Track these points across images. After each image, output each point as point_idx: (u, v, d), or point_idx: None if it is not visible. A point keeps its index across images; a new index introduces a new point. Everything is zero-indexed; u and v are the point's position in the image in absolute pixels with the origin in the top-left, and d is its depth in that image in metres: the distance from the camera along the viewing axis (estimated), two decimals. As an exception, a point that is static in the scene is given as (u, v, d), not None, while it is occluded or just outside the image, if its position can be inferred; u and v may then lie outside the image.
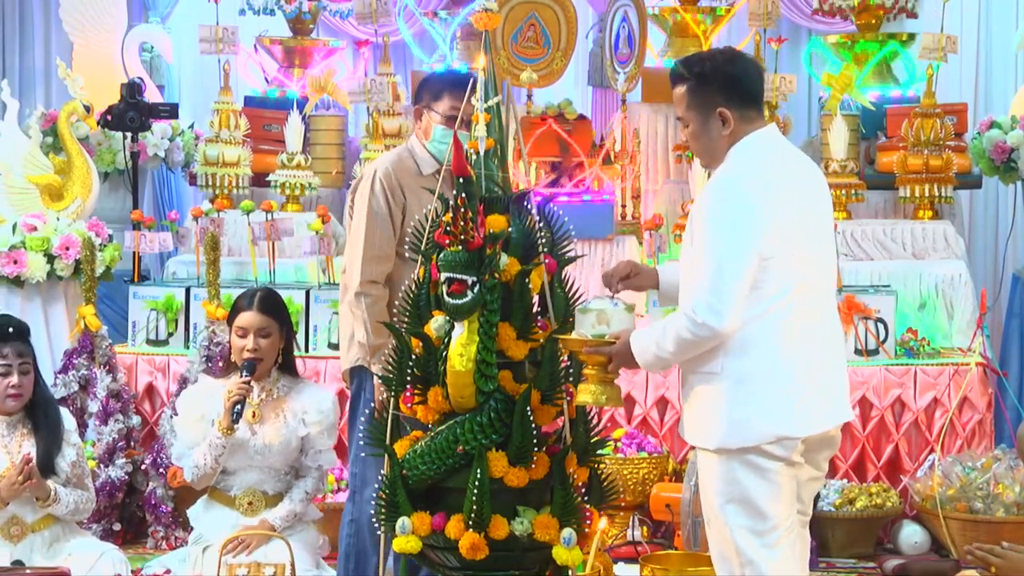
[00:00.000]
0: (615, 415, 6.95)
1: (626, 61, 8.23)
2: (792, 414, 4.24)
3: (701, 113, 4.35)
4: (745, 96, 4.34)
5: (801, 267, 4.28)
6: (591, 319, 4.40)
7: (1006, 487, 6.51)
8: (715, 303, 4.16)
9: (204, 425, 5.49)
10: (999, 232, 9.80)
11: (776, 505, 4.28)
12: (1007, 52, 9.89)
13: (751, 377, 4.23)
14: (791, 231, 4.26)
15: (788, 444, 4.25)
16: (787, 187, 4.32)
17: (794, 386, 4.25)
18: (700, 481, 4.42)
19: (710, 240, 4.22)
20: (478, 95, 4.46)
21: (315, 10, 9.25)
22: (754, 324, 4.22)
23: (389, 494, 4.40)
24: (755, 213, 4.21)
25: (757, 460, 4.25)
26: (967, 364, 6.95)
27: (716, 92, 4.33)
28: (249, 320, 5.50)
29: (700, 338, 4.20)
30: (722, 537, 4.35)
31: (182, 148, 8.98)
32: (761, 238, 4.19)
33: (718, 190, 4.29)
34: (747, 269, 4.18)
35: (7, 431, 5.41)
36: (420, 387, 4.43)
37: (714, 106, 4.32)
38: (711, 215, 4.25)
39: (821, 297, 4.37)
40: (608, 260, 7.63)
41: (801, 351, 4.26)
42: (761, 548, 4.28)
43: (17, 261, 7.22)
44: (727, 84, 4.33)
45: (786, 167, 4.39)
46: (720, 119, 4.33)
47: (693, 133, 4.41)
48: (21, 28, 10.27)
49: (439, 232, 4.31)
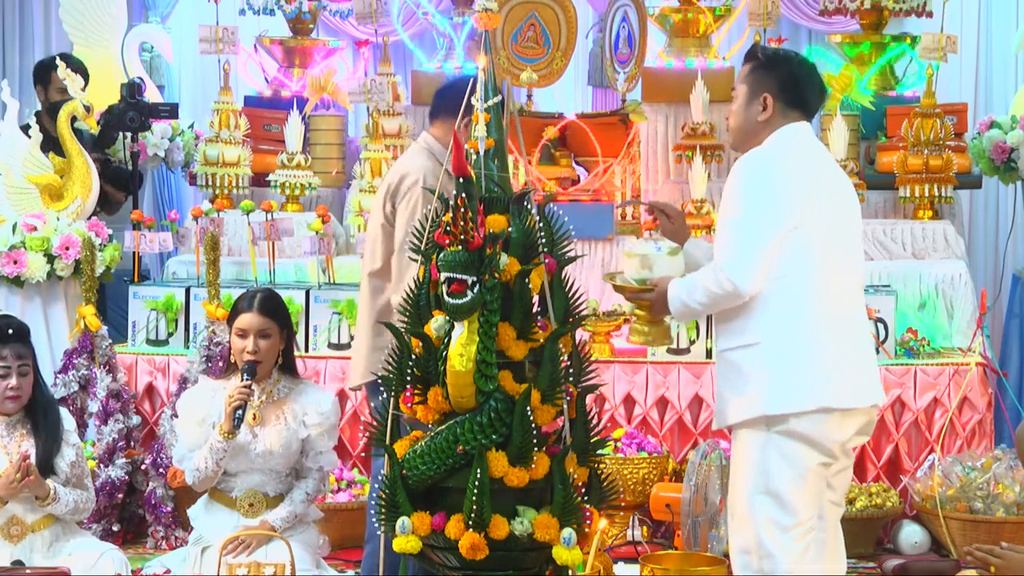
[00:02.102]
0: (615, 415, 6.95)
1: (626, 61, 8.23)
2: (833, 385, 4.38)
3: (750, 90, 4.56)
4: (795, 98, 4.55)
5: (834, 244, 4.45)
6: (635, 264, 4.56)
7: (1006, 487, 6.51)
8: (741, 263, 4.34)
9: (205, 428, 5.49)
10: (999, 232, 9.80)
11: (804, 501, 4.38)
12: (1007, 52, 9.89)
13: (792, 347, 4.37)
14: (821, 207, 4.43)
15: (828, 429, 4.35)
16: (819, 170, 4.52)
17: (834, 359, 4.40)
18: (732, 471, 4.49)
19: (741, 203, 4.39)
20: (478, 95, 4.46)
21: (315, 10, 9.25)
22: (792, 295, 4.37)
23: (389, 494, 4.40)
24: (786, 182, 4.40)
25: (793, 448, 4.34)
26: (967, 364, 6.95)
27: (772, 80, 4.53)
28: (249, 321, 5.50)
29: (726, 294, 4.37)
30: (746, 529, 4.41)
31: (182, 148, 8.98)
32: (791, 206, 4.37)
33: (751, 161, 4.47)
34: (775, 234, 4.35)
35: (6, 432, 5.41)
36: (420, 387, 4.43)
37: (763, 90, 4.52)
38: (742, 181, 4.42)
39: (855, 285, 4.55)
40: (608, 260, 7.63)
41: (839, 328, 4.43)
42: (784, 542, 4.36)
43: (17, 261, 7.22)
44: (785, 78, 4.54)
45: (821, 156, 4.58)
46: (762, 104, 4.52)
47: (735, 107, 4.60)
48: (21, 28, 10.28)
49: (439, 232, 4.31)
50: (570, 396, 4.42)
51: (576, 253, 4.59)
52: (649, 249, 4.56)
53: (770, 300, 4.40)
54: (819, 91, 4.65)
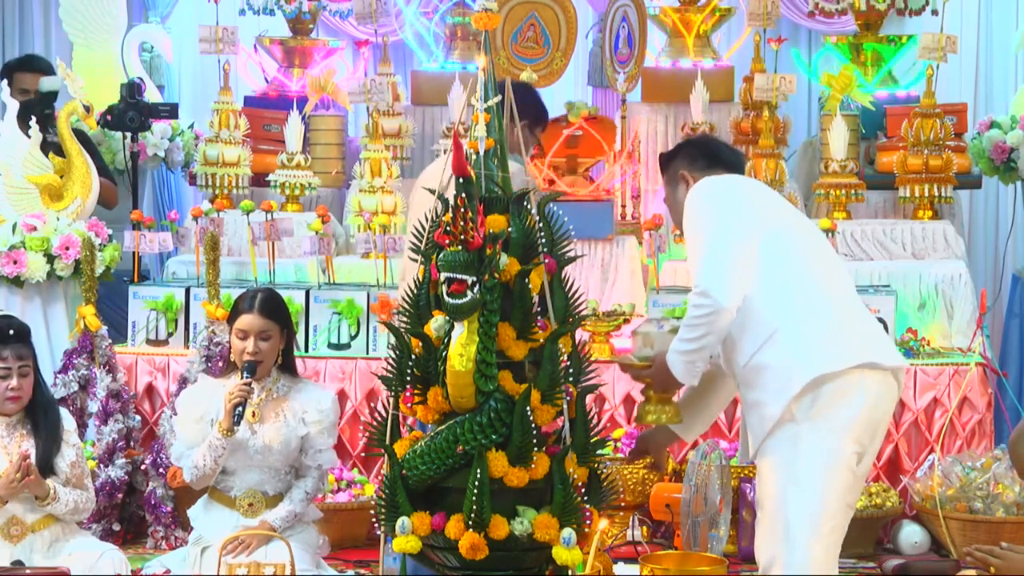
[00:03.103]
0: (615, 415, 6.95)
1: (626, 61, 8.23)
2: (867, 344, 4.45)
3: (670, 180, 4.84)
4: (707, 161, 4.77)
5: (808, 238, 4.60)
6: (639, 343, 4.68)
7: (1006, 487, 6.51)
8: (716, 278, 4.40)
9: (204, 425, 5.49)
10: (999, 232, 9.80)
11: (833, 494, 4.39)
12: (1007, 52, 9.89)
13: (814, 317, 4.43)
14: (780, 211, 4.62)
15: (864, 393, 4.39)
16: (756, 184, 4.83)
17: (856, 324, 4.49)
18: (761, 464, 4.49)
19: (703, 224, 4.52)
20: (478, 95, 4.46)
21: (315, 10, 9.25)
22: (789, 283, 4.45)
23: (389, 494, 4.40)
24: (740, 195, 4.59)
25: (825, 439, 4.36)
26: (967, 364, 6.95)
27: (679, 161, 4.81)
28: (250, 323, 5.50)
29: (710, 314, 4.40)
30: (774, 520, 4.40)
31: (182, 148, 8.98)
32: (754, 214, 4.51)
33: (699, 189, 4.63)
34: (744, 244, 4.44)
35: (6, 432, 5.41)
36: (420, 387, 4.43)
37: (677, 173, 4.79)
38: (698, 206, 4.57)
39: (844, 273, 4.67)
40: (608, 260, 7.64)
41: (847, 303, 4.54)
42: (811, 535, 4.37)
43: (17, 261, 7.22)
44: (688, 152, 4.82)
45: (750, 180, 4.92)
46: (683, 181, 4.75)
47: (668, 203, 4.87)
48: (21, 28, 10.27)
49: (439, 232, 4.31)
50: (570, 396, 4.42)
51: (576, 253, 4.60)
52: (651, 328, 4.67)
53: (769, 296, 4.43)
54: (727, 147, 4.91)
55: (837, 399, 4.38)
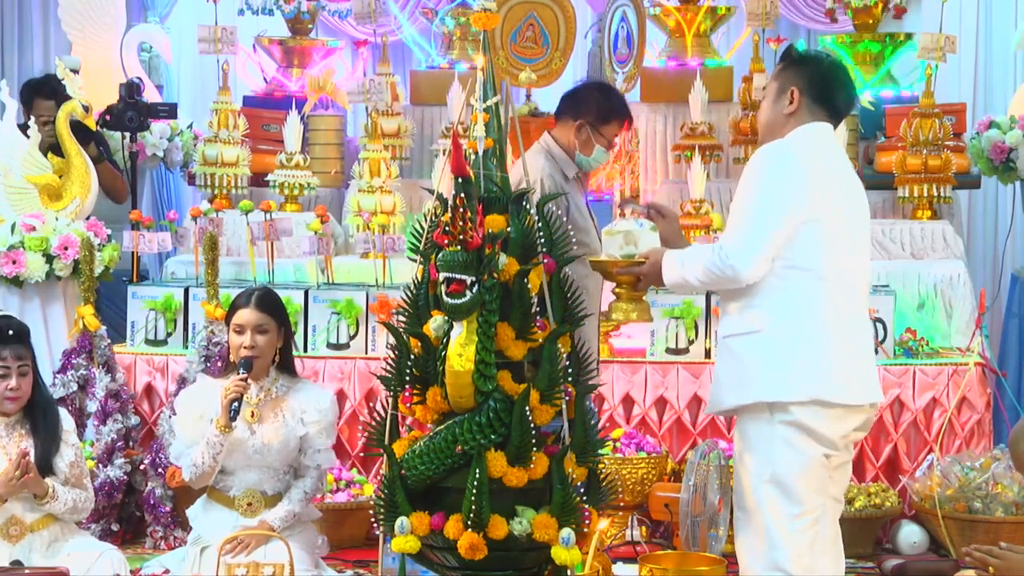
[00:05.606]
0: (614, 415, 6.95)
1: (625, 61, 8.23)
2: (830, 380, 4.41)
3: (780, 85, 4.62)
4: (822, 95, 4.60)
5: (846, 242, 4.50)
6: (619, 240, 4.60)
7: (1005, 487, 6.51)
8: (745, 248, 4.38)
9: (203, 424, 5.49)
10: (998, 232, 9.80)
11: (810, 489, 4.41)
12: (1006, 52, 9.90)
13: (794, 338, 4.40)
14: (836, 204, 4.49)
15: (826, 422, 4.38)
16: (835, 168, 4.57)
17: (834, 354, 4.43)
18: (737, 462, 4.52)
19: (754, 192, 4.44)
20: (477, 95, 4.46)
21: (314, 10, 9.25)
22: (799, 287, 4.41)
23: (388, 494, 4.40)
24: (802, 175, 4.44)
25: (797, 437, 4.37)
26: (966, 364, 6.95)
27: (802, 75, 4.60)
28: (246, 317, 5.50)
29: (724, 276, 4.40)
30: (753, 520, 4.42)
31: (181, 148, 8.98)
32: (805, 199, 4.41)
33: (770, 152, 4.52)
34: (783, 224, 4.39)
35: (6, 432, 5.40)
36: (419, 387, 4.43)
37: (791, 84, 4.58)
38: (758, 170, 4.47)
39: (862, 285, 4.59)
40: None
41: (843, 325, 4.47)
42: (791, 532, 4.39)
43: (16, 261, 7.22)
44: (814, 75, 4.60)
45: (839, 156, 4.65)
46: (790, 97, 4.58)
47: (764, 103, 4.68)
48: (20, 28, 10.28)
49: (438, 232, 4.31)
50: (569, 396, 4.42)
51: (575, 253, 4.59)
52: (631, 226, 4.65)
53: (776, 290, 4.43)
54: (847, 95, 4.69)
55: (803, 419, 4.40)
